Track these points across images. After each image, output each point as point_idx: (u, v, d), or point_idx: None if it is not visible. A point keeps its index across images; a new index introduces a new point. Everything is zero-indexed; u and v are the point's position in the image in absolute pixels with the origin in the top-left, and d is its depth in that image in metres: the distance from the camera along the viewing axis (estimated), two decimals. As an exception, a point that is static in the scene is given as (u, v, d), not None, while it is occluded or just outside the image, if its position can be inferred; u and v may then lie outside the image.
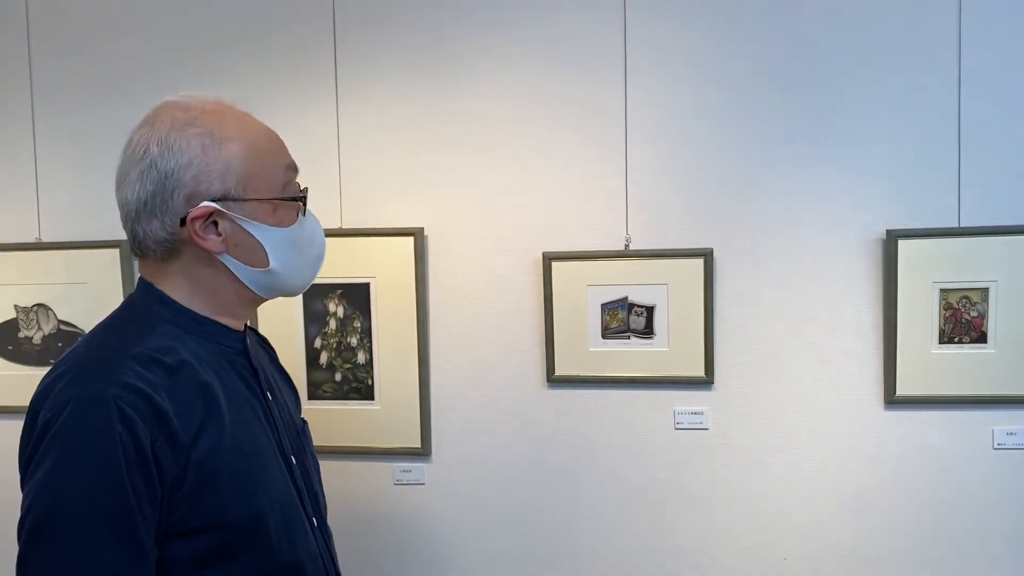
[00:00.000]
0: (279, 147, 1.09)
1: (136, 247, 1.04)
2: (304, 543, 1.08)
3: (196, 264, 1.04)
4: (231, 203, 1.01)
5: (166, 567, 0.96)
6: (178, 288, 1.05)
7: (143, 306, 1.05)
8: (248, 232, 1.03)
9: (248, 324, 1.20)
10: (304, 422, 1.25)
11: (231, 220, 1.02)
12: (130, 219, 1.02)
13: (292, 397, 1.26)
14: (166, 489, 0.94)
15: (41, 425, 0.93)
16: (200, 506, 0.97)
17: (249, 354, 1.12)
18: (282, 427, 1.13)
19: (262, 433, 1.07)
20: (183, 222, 1.00)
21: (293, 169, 1.10)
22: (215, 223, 1.01)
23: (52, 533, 0.90)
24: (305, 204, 1.10)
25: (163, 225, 1.00)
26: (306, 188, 1.11)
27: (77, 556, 0.90)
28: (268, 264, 1.06)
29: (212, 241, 1.01)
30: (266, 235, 1.04)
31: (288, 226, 1.06)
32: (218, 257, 1.03)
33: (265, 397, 1.12)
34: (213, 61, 1.92)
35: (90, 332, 1.06)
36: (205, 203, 0.99)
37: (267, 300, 1.12)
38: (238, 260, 1.04)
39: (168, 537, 0.96)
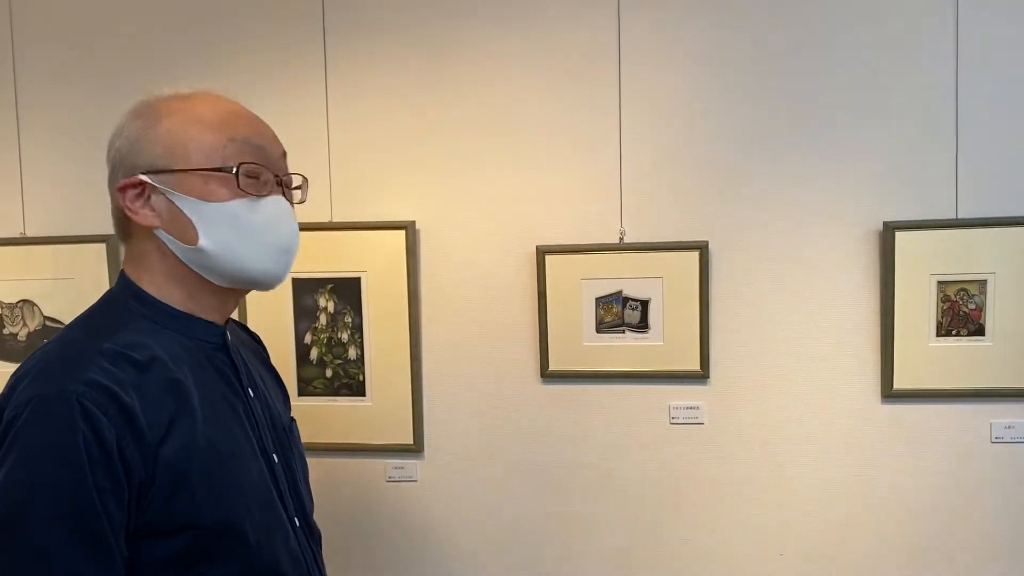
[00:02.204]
0: (233, 122, 1.02)
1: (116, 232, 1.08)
2: (285, 545, 1.05)
3: (143, 243, 1.04)
4: (162, 176, 1.00)
5: (139, 568, 0.93)
6: (154, 281, 1.03)
7: (120, 300, 1.04)
8: (176, 205, 1.00)
9: (235, 319, 1.17)
10: (292, 420, 1.22)
11: (162, 194, 1.00)
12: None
13: (280, 395, 1.23)
14: (134, 488, 0.91)
15: (4, 424, 0.91)
16: (172, 507, 0.94)
17: (229, 349, 1.09)
18: (264, 425, 1.10)
19: (240, 432, 1.04)
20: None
21: (250, 144, 1.02)
22: (149, 198, 1.01)
23: (14, 534, 0.88)
24: (238, 176, 1.00)
25: (112, 203, 1.04)
26: (241, 163, 1.01)
27: (40, 557, 0.87)
28: (197, 241, 1.00)
29: (143, 215, 1.01)
30: (193, 208, 1.00)
31: (218, 200, 0.99)
32: (156, 233, 1.02)
33: (246, 394, 1.09)
34: (201, 54, 1.89)
35: (65, 327, 1.04)
36: (135, 176, 1.00)
37: (234, 290, 1.07)
38: (172, 236, 1.01)
39: (140, 538, 0.93)
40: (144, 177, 0.99)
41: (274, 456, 1.09)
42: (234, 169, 1.00)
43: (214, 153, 1.00)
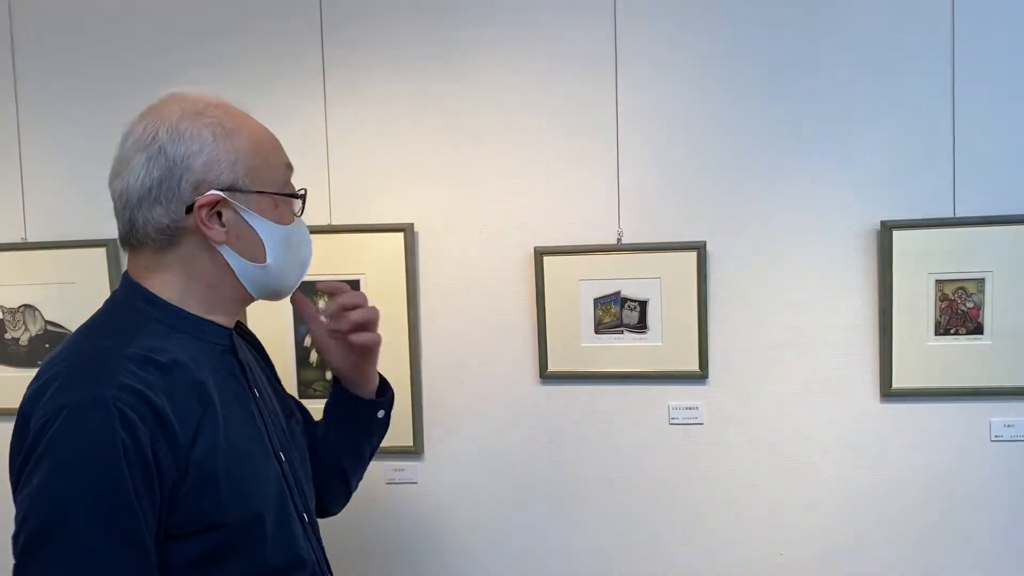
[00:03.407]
0: (279, 145, 1.10)
1: (133, 236, 1.03)
2: (299, 539, 1.08)
3: (195, 254, 1.03)
4: (238, 194, 1.02)
5: (164, 570, 0.95)
6: (169, 282, 1.03)
7: (129, 305, 1.04)
8: (250, 225, 1.03)
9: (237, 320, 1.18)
10: (292, 417, 1.23)
11: (235, 211, 1.02)
12: (129, 206, 1.01)
13: (276, 393, 1.24)
14: (166, 491, 0.93)
15: (34, 432, 0.91)
16: (199, 507, 0.95)
17: (236, 351, 1.11)
18: (270, 423, 1.12)
19: (254, 431, 1.07)
20: (188, 209, 1.00)
21: (291, 168, 1.11)
22: (219, 213, 1.01)
23: (54, 540, 0.87)
24: (304, 204, 1.11)
25: (167, 212, 1.00)
26: (305, 189, 1.12)
27: (81, 563, 0.88)
28: (265, 260, 1.05)
29: (216, 231, 1.01)
30: (266, 230, 1.05)
31: (286, 224, 1.08)
32: (218, 248, 1.03)
33: (253, 394, 1.11)
34: (198, 57, 1.89)
35: (75, 333, 1.04)
36: (213, 191, 1.00)
37: (255, 300, 1.12)
38: (237, 253, 1.04)
39: (167, 539, 0.94)
40: (224, 195, 1.00)
41: (280, 454, 1.11)
42: (301, 196, 1.10)
43: (280, 177, 1.08)
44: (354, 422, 1.31)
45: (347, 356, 1.28)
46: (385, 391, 1.33)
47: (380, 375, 1.34)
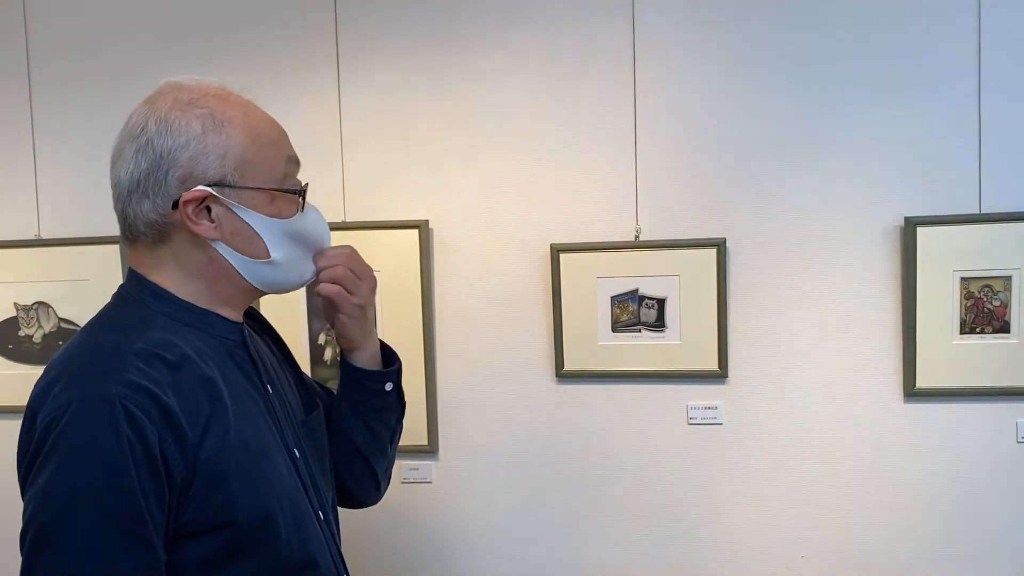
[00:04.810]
0: (281, 137, 1.06)
1: (127, 230, 1.01)
2: (312, 538, 1.06)
3: (188, 250, 1.00)
4: (227, 189, 0.98)
5: (176, 569, 0.93)
6: (170, 277, 1.01)
7: (136, 300, 1.02)
8: (244, 220, 1.00)
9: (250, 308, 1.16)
10: (318, 405, 1.20)
11: (225, 207, 0.98)
12: (121, 199, 0.99)
13: (295, 385, 1.22)
14: (175, 490, 0.91)
15: (41, 429, 0.89)
16: (209, 506, 0.94)
17: (248, 346, 1.08)
18: (284, 420, 1.10)
19: (265, 427, 1.05)
20: (175, 205, 0.96)
21: (295, 162, 1.07)
22: (208, 208, 0.98)
23: (59, 539, 0.86)
24: (304, 198, 1.07)
25: (155, 207, 0.97)
26: (306, 184, 1.08)
27: (86, 562, 0.86)
28: (269, 255, 1.02)
29: (204, 227, 0.98)
30: (263, 225, 1.01)
31: (287, 218, 1.04)
32: (212, 245, 1.00)
33: (266, 390, 1.08)
34: (212, 53, 1.89)
35: (83, 329, 1.02)
36: (199, 187, 0.96)
37: (265, 294, 1.09)
38: (235, 249, 1.01)
39: (177, 539, 0.93)
40: (210, 190, 0.97)
41: (295, 450, 1.09)
42: (300, 191, 1.05)
43: (277, 172, 1.03)
44: (359, 393, 1.21)
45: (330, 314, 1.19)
46: (391, 363, 1.24)
47: (390, 349, 1.25)
